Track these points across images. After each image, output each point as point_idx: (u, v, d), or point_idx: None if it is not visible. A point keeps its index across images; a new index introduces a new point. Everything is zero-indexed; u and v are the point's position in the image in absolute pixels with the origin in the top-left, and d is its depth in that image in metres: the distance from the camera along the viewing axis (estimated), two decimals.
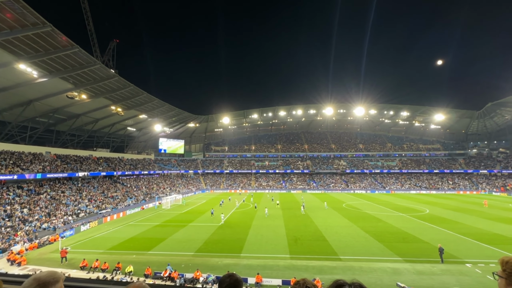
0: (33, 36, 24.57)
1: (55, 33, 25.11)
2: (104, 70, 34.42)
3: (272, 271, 16.64)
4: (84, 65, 31.44)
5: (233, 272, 1.83)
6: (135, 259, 18.80)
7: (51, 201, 31.42)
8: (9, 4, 20.75)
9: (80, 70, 31.44)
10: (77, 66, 31.06)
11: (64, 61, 29.59)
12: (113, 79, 36.53)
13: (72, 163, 40.21)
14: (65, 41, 26.61)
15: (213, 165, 77.18)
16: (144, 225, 29.88)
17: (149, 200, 45.76)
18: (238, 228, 27.83)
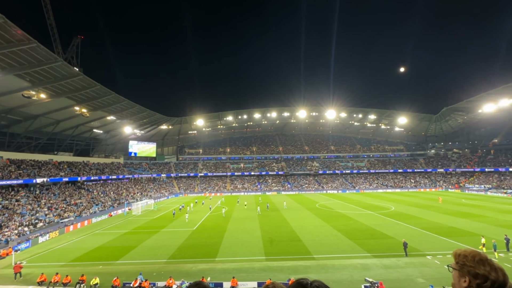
0: None
1: (8, 26, 22.88)
2: (66, 68, 32.03)
3: (248, 274, 16.57)
4: (43, 62, 28.97)
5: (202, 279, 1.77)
6: (101, 270, 17.61)
7: (3, 211, 28.35)
8: None
9: (38, 67, 28.92)
10: (34, 62, 28.53)
11: (20, 57, 27.03)
12: (77, 77, 34.10)
13: (29, 168, 36.72)
14: (20, 34, 24.34)
15: (187, 168, 75.23)
16: (112, 233, 28.16)
17: (117, 206, 43.25)
18: (213, 232, 27.37)
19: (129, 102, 46.84)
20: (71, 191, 41.31)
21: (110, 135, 59.88)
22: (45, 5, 48.65)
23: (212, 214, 37.68)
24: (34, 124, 39.51)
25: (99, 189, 47.55)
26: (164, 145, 78.85)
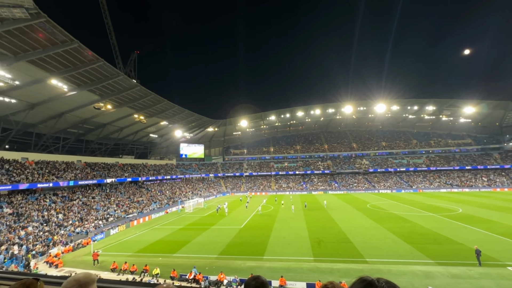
0: (62, 53, 26.37)
1: (82, 49, 26.77)
2: (127, 80, 36.11)
3: (296, 274, 16.41)
4: (109, 77, 33.20)
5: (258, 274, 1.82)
6: (161, 262, 19.37)
7: (83, 206, 33.32)
8: (41, 25, 22.44)
9: (105, 82, 33.24)
10: (102, 78, 32.88)
11: (91, 74, 31.46)
12: (135, 88, 38.22)
13: (101, 170, 42.42)
14: (90, 55, 28.28)
15: (232, 168, 77.94)
16: (168, 229, 30.74)
17: (172, 204, 47.07)
18: (259, 231, 27.80)
19: (179, 108, 50.60)
20: (133, 190, 46.43)
21: (164, 139, 65.59)
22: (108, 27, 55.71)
23: (258, 214, 38.28)
24: (103, 131, 45.54)
25: (156, 188, 52.41)
26: (211, 146, 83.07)
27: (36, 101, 31.22)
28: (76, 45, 25.88)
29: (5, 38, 22.37)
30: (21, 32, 22.47)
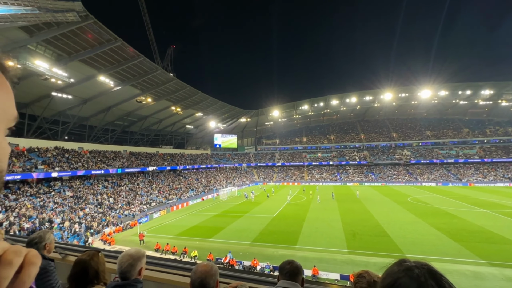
0: (108, 51, 28.61)
1: (124, 46, 28.73)
2: (165, 74, 38.03)
3: (329, 265, 16.27)
4: (148, 72, 35.28)
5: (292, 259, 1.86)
6: (198, 245, 20.62)
7: (129, 192, 36.61)
8: (90, 26, 24.50)
9: (145, 76, 35.43)
10: (142, 73, 35.07)
11: (132, 70, 33.73)
12: (172, 82, 40.14)
13: (143, 159, 45.92)
14: (132, 52, 30.25)
15: (265, 158, 78.56)
16: (204, 215, 32.42)
17: (208, 192, 49.32)
18: (292, 220, 27.90)
19: (213, 99, 52.04)
20: (172, 177, 49.56)
21: (199, 129, 68.37)
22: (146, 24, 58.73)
23: (290, 203, 38.36)
24: (144, 123, 48.96)
25: (193, 177, 55.24)
26: (243, 136, 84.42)
27: (88, 96, 34.56)
28: (120, 43, 27.83)
29: (61, 41, 24.91)
30: (73, 34, 24.79)
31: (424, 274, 0.71)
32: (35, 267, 0.39)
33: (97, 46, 27.50)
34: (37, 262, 0.40)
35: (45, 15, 20.46)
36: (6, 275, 0.35)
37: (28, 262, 0.38)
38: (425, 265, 0.75)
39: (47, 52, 25.82)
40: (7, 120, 0.36)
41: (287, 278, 1.73)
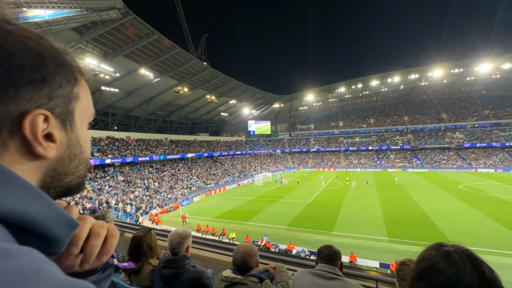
0: (147, 44, 30.17)
1: (161, 39, 30.00)
2: (199, 64, 39.06)
3: (368, 252, 15.86)
4: (184, 62, 36.54)
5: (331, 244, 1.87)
6: (236, 228, 21.59)
7: (172, 177, 39.36)
8: (130, 22, 25.97)
9: (181, 67, 36.81)
10: (178, 64, 36.45)
11: (169, 61, 35.23)
12: (206, 70, 41.13)
13: (183, 146, 48.63)
14: (168, 44, 31.48)
15: (299, 144, 77.53)
16: (240, 199, 33.59)
17: (243, 178, 50.74)
18: (328, 206, 27.50)
19: (246, 86, 52.27)
20: (210, 163, 51.85)
21: (233, 117, 69.75)
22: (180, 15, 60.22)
23: (326, 189, 37.72)
24: (182, 112, 51.44)
25: (229, 163, 57.11)
26: (277, 122, 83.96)
27: (131, 89, 37.23)
28: (157, 36, 29.12)
29: (106, 38, 26.89)
30: (116, 31, 26.54)
31: (463, 259, 0.66)
32: (116, 238, 0.48)
33: (137, 41, 29.16)
34: (117, 235, 0.48)
35: (92, 15, 22.17)
36: (96, 244, 0.43)
37: (111, 234, 0.47)
38: (465, 250, 0.70)
39: (95, 49, 28.20)
40: (89, 117, 0.45)
41: (325, 262, 1.76)
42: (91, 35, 25.66)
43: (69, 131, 0.40)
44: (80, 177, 0.46)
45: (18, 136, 0.34)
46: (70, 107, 0.40)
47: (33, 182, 0.33)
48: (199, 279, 1.95)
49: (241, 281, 1.72)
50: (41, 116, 0.35)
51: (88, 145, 0.46)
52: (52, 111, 0.36)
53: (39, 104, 0.35)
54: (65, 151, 0.39)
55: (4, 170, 0.30)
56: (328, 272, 1.69)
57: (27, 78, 0.33)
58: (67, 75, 0.39)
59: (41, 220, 0.31)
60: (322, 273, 1.70)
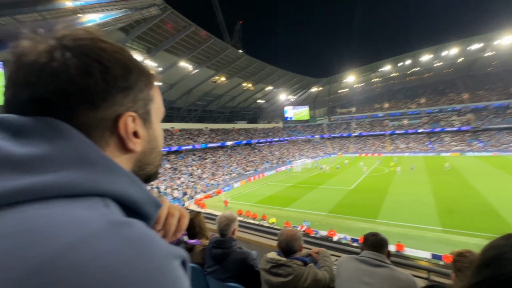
0: (184, 37, 31.28)
1: (198, 30, 30.80)
2: (235, 52, 39.35)
3: (417, 242, 14.90)
4: (220, 52, 37.15)
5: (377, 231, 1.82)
6: (276, 213, 22.01)
7: (213, 164, 41.33)
8: (168, 17, 27.09)
9: (217, 56, 37.53)
10: (215, 54, 37.20)
11: (206, 52, 36.15)
12: (242, 58, 41.30)
13: (222, 134, 50.36)
14: (204, 35, 32.20)
15: (339, 129, 74.31)
16: (279, 186, 33.91)
17: (281, 164, 50.89)
18: (371, 193, 26.22)
19: (282, 71, 51.31)
20: (248, 151, 52.97)
21: (270, 103, 69.45)
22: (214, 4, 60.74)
23: (369, 175, 35.90)
24: (220, 101, 52.88)
25: (267, 149, 57.61)
26: (315, 107, 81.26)
27: (173, 82, 39.33)
28: (193, 28, 29.97)
29: (148, 34, 28.57)
30: (157, 27, 27.98)
31: None
32: (187, 219, 0.57)
33: (176, 34, 30.40)
34: (187, 216, 0.57)
35: (135, 14, 23.66)
36: (173, 222, 0.53)
37: (182, 215, 0.55)
38: None
39: (139, 46, 30.23)
40: (160, 114, 0.53)
41: (371, 249, 1.73)
42: (135, 33, 27.51)
43: (148, 128, 0.47)
44: (157, 166, 0.53)
45: (115, 135, 0.41)
46: (148, 107, 0.47)
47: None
48: (245, 260, 2.09)
49: (286, 263, 1.79)
50: (130, 117, 0.42)
51: (161, 139, 0.53)
52: (136, 112, 0.44)
53: (127, 107, 0.42)
54: (147, 145, 0.47)
55: (112, 163, 0.38)
56: (375, 259, 1.66)
57: (119, 86, 0.41)
58: (145, 80, 0.47)
59: (140, 201, 0.39)
60: (368, 260, 1.68)
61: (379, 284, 1.57)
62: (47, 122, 0.35)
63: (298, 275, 1.75)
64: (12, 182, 0.29)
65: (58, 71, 0.36)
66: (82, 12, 20.55)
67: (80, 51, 0.38)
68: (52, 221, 0.27)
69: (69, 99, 0.36)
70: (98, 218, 0.29)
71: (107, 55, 0.41)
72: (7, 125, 0.35)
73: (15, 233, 0.25)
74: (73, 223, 0.27)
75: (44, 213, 0.27)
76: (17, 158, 0.31)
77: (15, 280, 0.22)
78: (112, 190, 0.36)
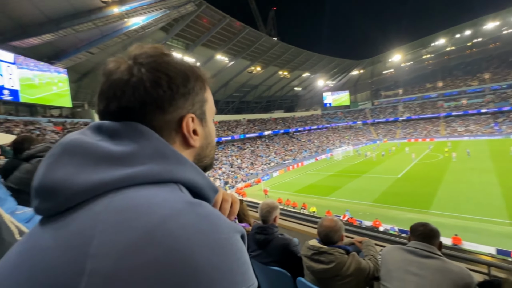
0: (220, 30, 31.81)
1: (232, 22, 31.02)
2: (269, 40, 38.82)
3: (479, 236, 13.41)
4: (254, 41, 36.99)
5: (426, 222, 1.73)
6: (316, 202, 21.73)
7: (252, 154, 42.14)
8: (204, 12, 27.76)
9: (252, 46, 37.47)
10: (250, 44, 37.17)
11: (241, 43, 36.33)
12: (277, 46, 40.59)
13: (259, 125, 50.77)
14: (239, 26, 32.32)
15: (384, 113, 69.01)
16: (319, 174, 33.21)
17: (321, 152, 49.58)
18: (422, 181, 24.11)
19: (319, 56, 49.16)
20: (286, 140, 52.63)
21: (307, 90, 67.46)
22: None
23: (420, 162, 32.98)
24: (256, 92, 53.10)
25: (305, 138, 56.50)
26: (356, 91, 76.54)
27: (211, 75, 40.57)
28: (228, 20, 30.26)
29: (186, 31, 29.72)
30: (194, 22, 28.91)
31: None
32: (238, 204, 0.64)
33: (212, 28, 31.08)
34: (238, 202, 0.65)
35: (173, 13, 24.73)
36: (227, 207, 0.60)
37: (234, 201, 0.63)
38: None
39: (179, 44, 31.69)
40: (213, 113, 0.63)
41: (420, 240, 1.65)
42: (174, 31, 28.86)
43: (204, 126, 0.57)
44: (212, 158, 0.63)
45: (179, 134, 0.51)
46: (203, 108, 0.56)
47: None
48: (287, 246, 2.17)
49: (327, 251, 1.81)
50: (190, 118, 0.51)
51: (214, 134, 0.62)
52: (195, 114, 0.53)
53: (188, 110, 0.51)
54: (204, 141, 0.56)
55: (181, 156, 0.47)
56: (424, 250, 1.58)
57: (180, 93, 0.50)
58: (200, 85, 0.55)
59: (203, 187, 0.49)
60: (417, 250, 1.60)
61: (430, 276, 1.50)
62: (132, 126, 0.46)
63: (340, 263, 1.76)
64: (115, 172, 0.40)
65: (137, 85, 0.46)
66: (127, 17, 22.21)
67: (151, 66, 0.48)
68: (148, 200, 0.37)
69: (145, 107, 0.47)
70: (178, 199, 0.39)
71: (171, 67, 0.50)
72: (105, 130, 0.46)
73: (125, 209, 0.35)
74: (163, 202, 0.37)
75: (141, 194, 0.38)
76: (115, 154, 0.42)
77: (126, 245, 0.31)
78: (183, 178, 0.45)
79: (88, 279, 0.29)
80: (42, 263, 0.33)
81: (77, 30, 20.82)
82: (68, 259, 0.32)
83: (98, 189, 0.38)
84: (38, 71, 22.41)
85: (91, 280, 0.29)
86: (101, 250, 0.31)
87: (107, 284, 0.29)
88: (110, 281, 0.29)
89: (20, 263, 0.35)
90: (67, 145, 0.43)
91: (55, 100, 24.37)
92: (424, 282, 1.48)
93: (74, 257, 0.32)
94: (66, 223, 0.36)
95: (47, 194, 0.39)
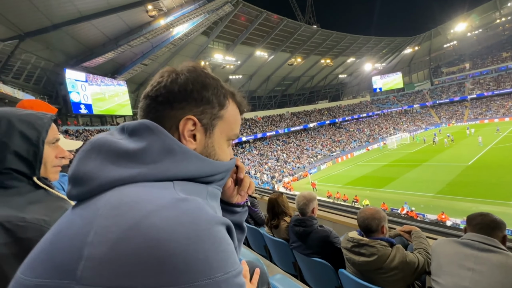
0: (257, 26, 31.92)
1: (269, 15, 30.82)
2: (308, 29, 37.48)
3: None
4: (293, 32, 36.15)
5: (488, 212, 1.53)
6: (369, 194, 20.45)
7: (297, 147, 41.58)
8: (241, 10, 28.17)
9: (291, 38, 36.69)
10: (289, 35, 36.47)
11: (279, 36, 35.88)
12: (317, 34, 38.96)
13: (303, 117, 49.66)
14: (276, 19, 31.96)
15: (447, 93, 60.54)
16: (371, 165, 31.05)
17: (373, 141, 46.19)
18: (499, 169, 20.54)
19: (364, 37, 45.60)
20: (333, 130, 50.43)
21: (353, 76, 63.28)
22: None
23: (496, 147, 28.22)
24: (298, 84, 51.95)
25: (354, 127, 53.24)
26: (411, 71, 68.84)
27: (251, 72, 41.17)
28: (265, 15, 30.17)
29: (225, 32, 30.64)
30: (232, 22, 29.62)
31: None
32: (254, 184, 0.74)
33: (250, 25, 31.39)
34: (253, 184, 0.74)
35: (212, 16, 25.70)
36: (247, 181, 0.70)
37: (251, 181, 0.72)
38: None
39: (219, 45, 32.86)
40: (230, 135, 0.64)
41: (477, 232, 1.47)
42: (214, 34, 30.01)
43: (208, 136, 0.59)
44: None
45: (177, 132, 0.55)
46: (213, 122, 0.59)
47: None
48: (327, 237, 2.15)
49: (368, 243, 1.75)
50: (191, 121, 0.55)
51: (223, 152, 0.63)
52: (200, 120, 0.56)
53: (194, 113, 0.56)
54: (202, 149, 0.58)
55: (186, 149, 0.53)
56: (482, 242, 1.40)
57: (194, 97, 0.55)
58: (219, 101, 0.60)
59: (210, 173, 0.56)
60: (473, 243, 1.43)
61: (489, 272, 1.33)
62: (144, 124, 0.52)
63: (383, 256, 1.68)
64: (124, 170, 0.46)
65: (163, 83, 0.55)
66: (172, 27, 23.92)
67: (181, 72, 0.57)
68: (139, 197, 0.42)
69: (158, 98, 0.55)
70: (166, 196, 0.43)
71: (195, 74, 0.57)
72: (126, 129, 0.53)
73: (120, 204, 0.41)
74: (152, 199, 0.42)
75: (135, 191, 0.44)
76: (130, 151, 0.48)
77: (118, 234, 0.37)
78: (183, 172, 0.50)
79: (84, 263, 0.36)
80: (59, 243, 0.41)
81: (132, 45, 23.32)
82: (72, 245, 0.39)
83: (114, 183, 0.45)
84: (104, 85, 25.98)
85: (86, 263, 0.36)
86: (96, 239, 0.37)
87: (99, 266, 0.35)
88: (102, 263, 0.35)
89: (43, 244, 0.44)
90: (95, 143, 0.49)
91: (118, 110, 27.91)
92: (480, 278, 1.32)
93: (76, 245, 0.39)
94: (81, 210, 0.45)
95: (76, 182, 0.47)
